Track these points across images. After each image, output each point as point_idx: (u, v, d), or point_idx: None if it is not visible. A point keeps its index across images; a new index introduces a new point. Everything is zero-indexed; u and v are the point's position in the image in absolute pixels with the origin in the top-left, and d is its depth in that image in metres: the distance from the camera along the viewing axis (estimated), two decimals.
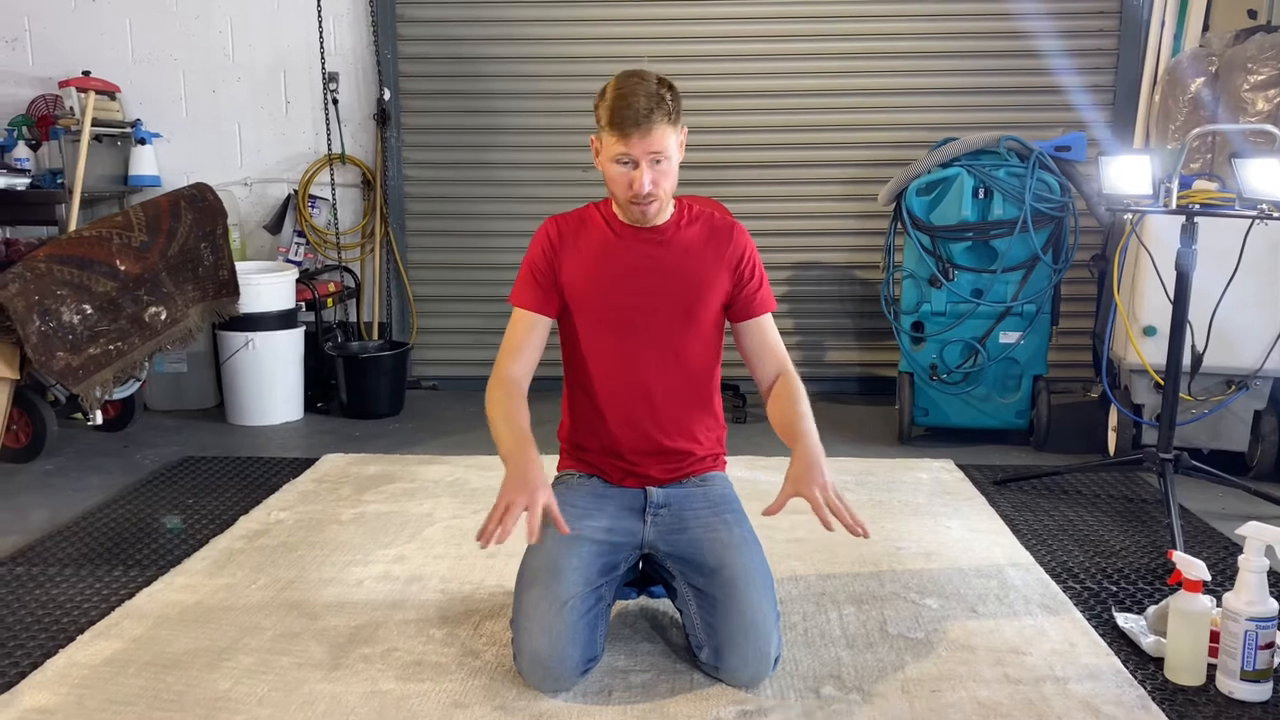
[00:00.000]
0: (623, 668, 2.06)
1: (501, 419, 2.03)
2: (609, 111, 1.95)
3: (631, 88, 1.94)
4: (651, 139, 1.94)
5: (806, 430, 2.00)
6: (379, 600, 2.40)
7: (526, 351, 2.12)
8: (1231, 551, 2.68)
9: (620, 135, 1.94)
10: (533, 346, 2.13)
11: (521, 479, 1.89)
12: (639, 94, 1.93)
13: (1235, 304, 3.07)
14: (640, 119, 1.92)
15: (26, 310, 3.20)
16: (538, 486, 1.88)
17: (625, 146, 1.95)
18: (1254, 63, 3.46)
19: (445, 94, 4.58)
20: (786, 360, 2.17)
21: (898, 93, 4.48)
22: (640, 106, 1.92)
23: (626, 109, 1.92)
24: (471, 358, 4.67)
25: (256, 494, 3.17)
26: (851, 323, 4.62)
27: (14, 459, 3.52)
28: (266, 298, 4.05)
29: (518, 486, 1.87)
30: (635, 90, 1.94)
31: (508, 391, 2.07)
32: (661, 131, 1.94)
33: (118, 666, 2.09)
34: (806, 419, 2.02)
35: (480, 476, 3.33)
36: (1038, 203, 3.54)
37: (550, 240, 2.12)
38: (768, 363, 2.16)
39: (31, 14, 4.54)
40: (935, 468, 3.45)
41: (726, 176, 4.51)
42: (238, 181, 4.62)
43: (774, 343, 2.17)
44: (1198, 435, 3.36)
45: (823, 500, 1.86)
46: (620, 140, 1.95)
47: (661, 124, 1.94)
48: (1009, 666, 2.08)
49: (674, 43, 4.46)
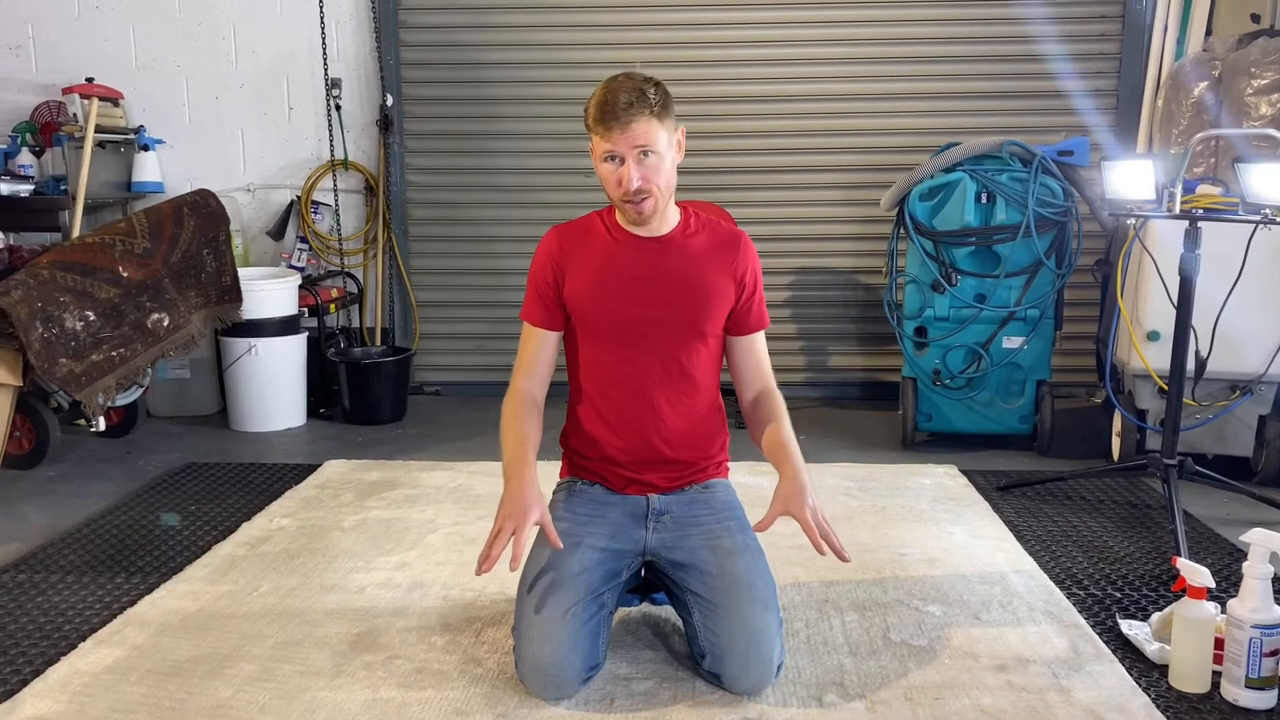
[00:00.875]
0: (625, 675, 2.06)
1: (506, 436, 2.06)
2: (594, 110, 1.97)
3: (615, 85, 1.96)
4: (633, 132, 1.94)
5: (795, 453, 2.04)
6: (381, 607, 2.40)
7: (539, 366, 2.15)
8: (1236, 558, 2.67)
9: (604, 132, 1.95)
10: (545, 360, 2.15)
11: (512, 502, 1.93)
12: (621, 90, 1.94)
13: (1239, 309, 3.06)
14: (620, 113, 1.92)
15: (29, 317, 3.20)
16: (528, 508, 1.92)
17: (609, 143, 1.96)
18: (1257, 67, 3.46)
19: (448, 100, 4.59)
20: (772, 378, 2.19)
21: (900, 97, 4.48)
22: (620, 101, 1.93)
23: (607, 105, 1.94)
24: (474, 363, 4.67)
25: (259, 500, 3.17)
26: (854, 328, 4.61)
27: (17, 465, 3.52)
28: (269, 304, 4.05)
29: (508, 510, 1.92)
30: (618, 88, 1.95)
31: (518, 404, 2.10)
32: (644, 125, 1.94)
33: (119, 674, 2.09)
34: (794, 442, 2.07)
35: (483, 483, 3.32)
36: (1041, 207, 3.54)
37: (551, 254, 2.12)
38: (755, 379, 2.18)
39: (35, 21, 4.55)
40: (938, 473, 3.44)
41: (729, 182, 4.51)
42: (240, 187, 4.63)
43: (764, 360, 2.19)
44: (1202, 440, 3.35)
45: (813, 523, 1.91)
46: (604, 137, 1.96)
47: (643, 117, 1.93)
48: (1012, 674, 2.07)
49: (676, 48, 4.46)
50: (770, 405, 2.14)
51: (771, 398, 2.15)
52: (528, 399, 2.11)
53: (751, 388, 2.18)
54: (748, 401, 2.18)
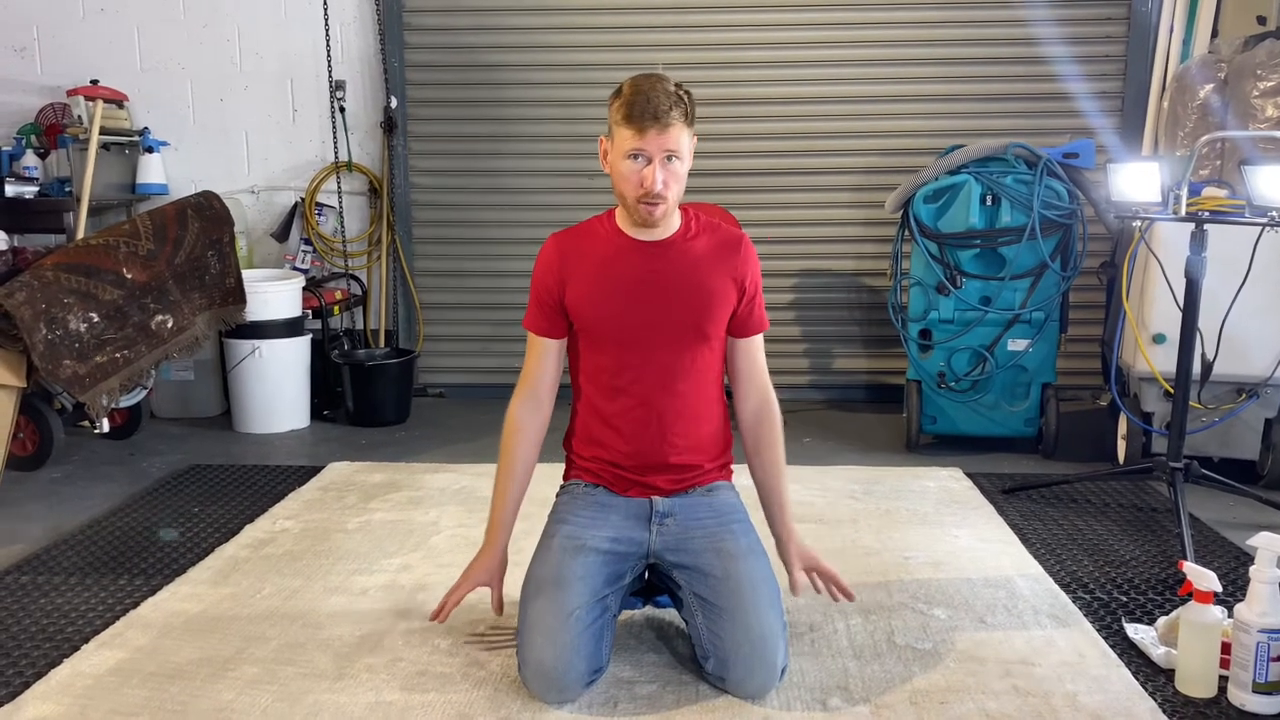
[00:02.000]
0: (628, 679, 2.05)
1: (497, 483, 2.18)
2: (626, 106, 1.96)
3: (651, 85, 1.96)
4: (668, 136, 1.95)
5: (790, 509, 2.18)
6: (384, 610, 2.39)
7: (545, 375, 2.16)
8: (1243, 562, 2.66)
9: (637, 129, 1.95)
10: (549, 368, 2.17)
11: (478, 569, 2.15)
12: (658, 91, 1.95)
13: (1245, 311, 3.05)
14: (660, 114, 1.93)
15: (33, 318, 3.20)
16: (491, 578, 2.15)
17: (641, 141, 1.95)
18: (1263, 69, 3.45)
19: (452, 102, 4.58)
20: (769, 385, 2.20)
21: (905, 100, 4.47)
22: (660, 102, 1.94)
23: (646, 104, 1.94)
24: (478, 365, 4.67)
25: (262, 502, 3.17)
26: (859, 330, 4.60)
27: (21, 467, 3.52)
28: (273, 305, 4.05)
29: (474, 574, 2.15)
30: (655, 88, 1.96)
31: (516, 429, 2.16)
32: (678, 130, 1.96)
33: (122, 676, 2.08)
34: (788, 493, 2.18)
35: (487, 485, 3.26)
36: (1046, 210, 3.53)
37: (551, 263, 2.12)
38: (753, 384, 2.18)
39: (40, 23, 4.55)
40: (943, 476, 3.43)
41: (734, 184, 4.50)
42: (245, 189, 4.63)
43: (762, 364, 2.20)
44: (1208, 444, 3.34)
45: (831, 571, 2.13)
46: (637, 135, 1.95)
47: (679, 122, 1.96)
48: (1018, 678, 2.07)
49: (680, 50, 4.45)
50: (770, 435, 2.17)
51: (773, 423, 2.17)
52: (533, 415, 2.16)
53: (750, 395, 2.18)
54: (747, 412, 2.18)
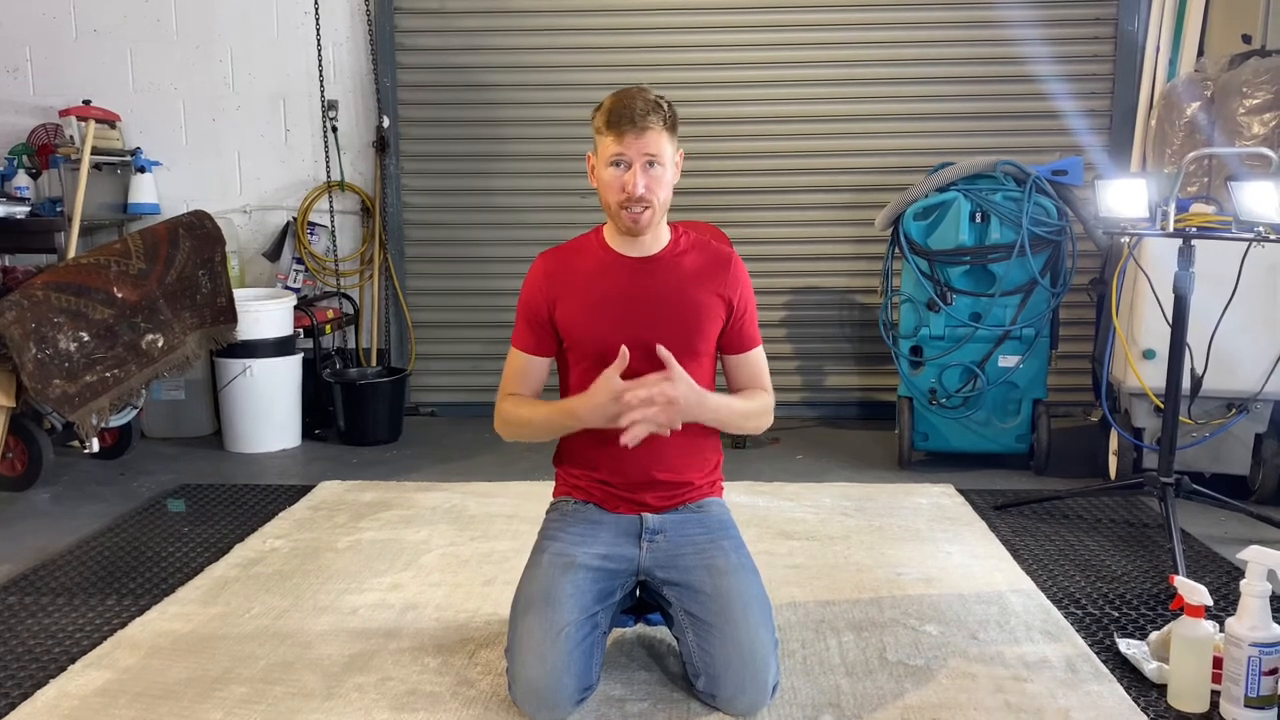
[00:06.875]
0: (619, 696, 2.04)
1: (528, 410, 2.09)
2: (606, 114, 2.01)
3: (629, 93, 2.02)
4: (646, 140, 1.97)
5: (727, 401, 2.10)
6: (374, 629, 2.38)
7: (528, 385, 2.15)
8: (1234, 576, 2.66)
9: (616, 134, 1.98)
10: (534, 379, 2.16)
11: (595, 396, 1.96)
12: (636, 98, 2.00)
13: (1234, 326, 3.06)
14: (636, 118, 1.97)
15: (23, 337, 3.19)
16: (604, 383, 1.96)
17: (620, 146, 1.98)
18: (1249, 86, 3.48)
19: (444, 121, 4.60)
20: (770, 392, 2.20)
21: (894, 118, 4.49)
22: (637, 108, 1.98)
23: (624, 109, 1.98)
24: (470, 384, 4.66)
25: (252, 521, 3.16)
26: (850, 347, 4.61)
27: (10, 487, 3.50)
28: (265, 324, 4.04)
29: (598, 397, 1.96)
30: (633, 95, 2.00)
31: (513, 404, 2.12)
32: (657, 135, 1.99)
33: (109, 697, 2.07)
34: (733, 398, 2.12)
35: (478, 503, 3.31)
36: (1035, 226, 3.54)
37: (539, 283, 2.12)
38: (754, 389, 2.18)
39: (33, 43, 4.56)
40: (935, 493, 3.43)
41: (725, 202, 4.52)
42: (237, 209, 4.63)
43: (764, 377, 2.20)
44: (1199, 459, 3.35)
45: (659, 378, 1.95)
46: (615, 140, 1.98)
47: (657, 127, 1.98)
48: (1010, 694, 2.06)
49: (672, 70, 4.47)
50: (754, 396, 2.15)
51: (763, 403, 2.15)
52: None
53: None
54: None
